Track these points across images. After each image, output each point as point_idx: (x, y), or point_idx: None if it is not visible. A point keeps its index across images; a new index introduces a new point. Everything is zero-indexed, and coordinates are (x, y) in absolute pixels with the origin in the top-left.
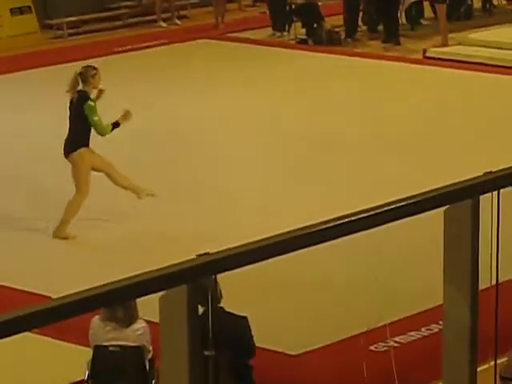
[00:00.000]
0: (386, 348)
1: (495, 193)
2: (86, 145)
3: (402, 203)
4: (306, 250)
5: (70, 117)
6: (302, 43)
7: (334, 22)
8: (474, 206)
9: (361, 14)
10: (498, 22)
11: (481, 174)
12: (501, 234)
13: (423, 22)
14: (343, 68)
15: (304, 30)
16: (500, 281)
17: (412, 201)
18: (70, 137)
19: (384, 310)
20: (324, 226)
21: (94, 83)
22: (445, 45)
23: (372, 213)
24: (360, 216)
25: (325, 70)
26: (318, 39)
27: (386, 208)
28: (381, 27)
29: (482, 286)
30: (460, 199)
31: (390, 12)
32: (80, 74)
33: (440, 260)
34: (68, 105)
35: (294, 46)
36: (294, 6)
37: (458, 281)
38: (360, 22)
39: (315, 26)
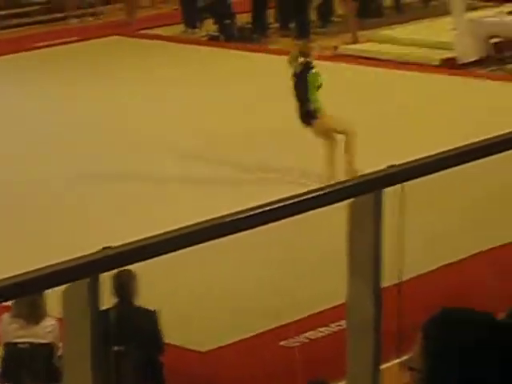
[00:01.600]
0: (296, 344)
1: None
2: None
3: (308, 196)
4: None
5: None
6: (213, 40)
7: (246, 18)
8: (377, 199)
9: (273, 10)
10: (408, 20)
11: (384, 167)
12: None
13: (334, 19)
14: (254, 64)
15: (216, 27)
16: (405, 278)
17: (317, 193)
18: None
19: (293, 306)
20: (213, 223)
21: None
22: (355, 42)
23: (268, 208)
24: (259, 210)
25: (236, 66)
26: (230, 36)
27: (284, 203)
28: (292, 24)
29: (387, 282)
30: (363, 192)
31: (301, 9)
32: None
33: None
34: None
35: (205, 42)
36: (205, 3)
37: (362, 276)
38: (272, 19)
39: (227, 22)
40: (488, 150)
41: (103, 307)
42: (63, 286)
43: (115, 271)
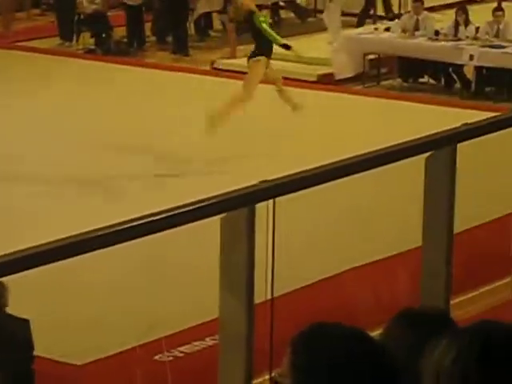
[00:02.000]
0: (170, 358)
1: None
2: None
3: (181, 210)
4: (91, 255)
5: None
6: (90, 53)
7: (123, 32)
8: (250, 214)
9: (150, 24)
10: (285, 35)
11: (256, 182)
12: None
13: (212, 33)
14: (132, 78)
15: (93, 40)
16: (278, 294)
17: (189, 208)
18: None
19: (166, 320)
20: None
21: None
22: (233, 57)
23: (139, 222)
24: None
25: (113, 79)
26: (107, 49)
27: (155, 217)
28: (170, 38)
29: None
30: (235, 208)
31: (179, 23)
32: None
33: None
34: None
35: (82, 55)
36: (82, 16)
37: (234, 291)
38: (149, 33)
39: (104, 35)
40: (360, 166)
41: None
42: None
43: None
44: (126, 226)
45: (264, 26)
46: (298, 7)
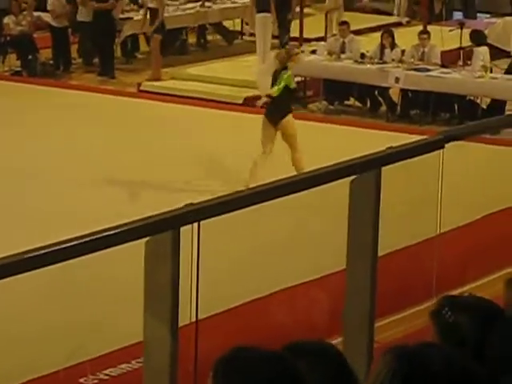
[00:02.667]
0: (95, 381)
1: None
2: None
3: (102, 234)
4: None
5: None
6: (16, 75)
7: (49, 54)
8: (175, 237)
9: (76, 46)
10: (212, 57)
11: (181, 205)
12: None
13: (138, 55)
14: (58, 100)
15: (19, 62)
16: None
17: (112, 232)
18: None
19: (93, 342)
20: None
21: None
22: (157, 78)
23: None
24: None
25: (36, 101)
26: (33, 71)
27: (79, 241)
28: (96, 60)
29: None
30: (160, 231)
31: (105, 45)
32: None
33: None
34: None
35: (8, 77)
36: (8, 38)
37: (159, 314)
38: (75, 55)
39: (30, 57)
40: (285, 189)
41: None
42: None
43: None
44: (48, 249)
45: (283, 83)
46: (224, 30)
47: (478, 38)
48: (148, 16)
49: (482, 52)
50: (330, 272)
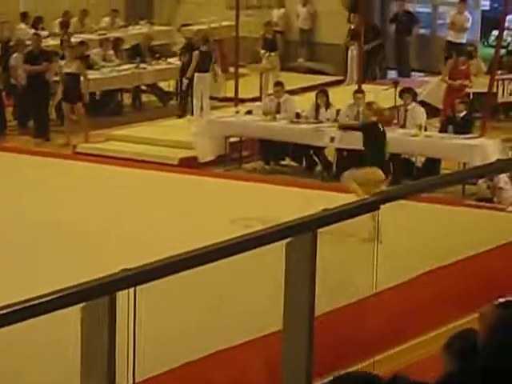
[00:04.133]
0: None
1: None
2: None
3: (42, 300)
4: None
5: None
6: None
7: None
8: (111, 302)
9: (11, 108)
10: (147, 118)
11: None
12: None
13: (73, 117)
14: None
15: None
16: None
17: (47, 298)
18: None
19: None
20: None
21: None
22: (88, 140)
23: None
24: None
25: None
26: None
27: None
28: (31, 122)
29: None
30: (96, 297)
31: (39, 107)
32: None
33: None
34: None
35: None
36: None
37: (95, 379)
38: (10, 117)
39: None
40: (219, 253)
41: None
42: None
43: None
44: None
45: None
46: (159, 91)
47: (409, 95)
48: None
49: (417, 111)
50: (268, 333)
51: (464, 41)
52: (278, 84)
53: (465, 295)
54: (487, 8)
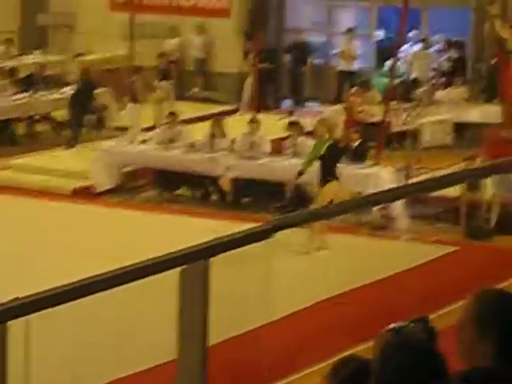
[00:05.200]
0: None
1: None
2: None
3: None
4: None
5: None
6: None
7: None
8: (2, 332)
9: None
10: (41, 148)
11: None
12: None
13: None
14: None
15: None
16: None
17: None
18: None
19: None
20: None
21: None
22: None
23: None
24: None
25: None
26: None
27: None
28: None
29: None
30: None
31: None
32: None
33: None
34: None
35: None
36: None
37: None
38: None
39: None
40: (113, 281)
41: None
42: None
43: None
44: None
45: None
46: (53, 120)
47: (296, 129)
48: None
49: (305, 144)
50: (163, 361)
51: (355, 69)
52: (173, 114)
53: (358, 324)
54: (382, 38)
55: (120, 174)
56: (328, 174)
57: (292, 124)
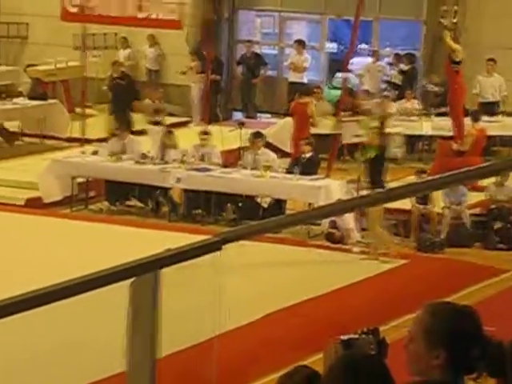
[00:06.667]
0: None
1: None
2: None
3: None
4: None
5: None
6: None
7: None
8: None
9: None
10: None
11: None
12: None
13: None
14: None
15: None
16: None
17: None
18: None
19: None
20: None
21: None
22: None
23: None
24: None
25: None
26: None
27: None
28: None
29: None
30: None
31: None
32: None
33: None
34: None
35: None
36: None
37: None
38: None
39: None
40: (60, 293)
41: None
42: None
43: None
44: None
45: None
46: (5, 131)
47: (260, 140)
48: None
49: (269, 155)
50: (112, 374)
51: (305, 81)
52: (121, 127)
53: (309, 336)
54: (335, 50)
55: (71, 184)
56: None
57: (256, 135)
